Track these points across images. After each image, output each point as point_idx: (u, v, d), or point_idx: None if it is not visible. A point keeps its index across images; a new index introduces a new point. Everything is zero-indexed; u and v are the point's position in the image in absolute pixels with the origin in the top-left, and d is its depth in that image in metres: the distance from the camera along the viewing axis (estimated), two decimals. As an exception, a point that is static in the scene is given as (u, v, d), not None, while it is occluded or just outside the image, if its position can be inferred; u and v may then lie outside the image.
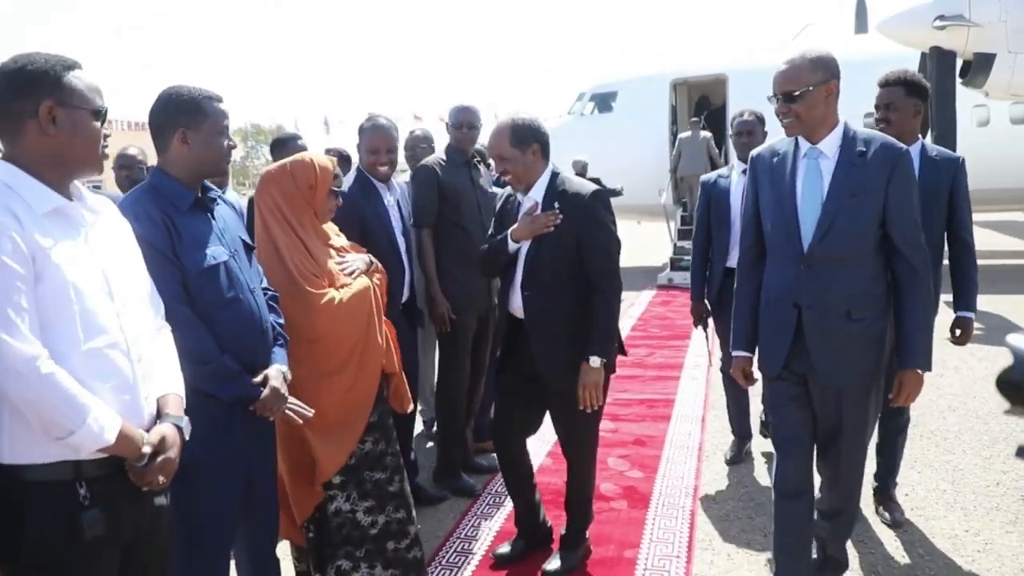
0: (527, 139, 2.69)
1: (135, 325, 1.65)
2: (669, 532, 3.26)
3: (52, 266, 1.49)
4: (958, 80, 8.53)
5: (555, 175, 2.76)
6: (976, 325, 3.29)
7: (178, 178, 2.08)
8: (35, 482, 1.49)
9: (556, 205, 2.68)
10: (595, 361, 2.65)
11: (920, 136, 3.09)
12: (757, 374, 2.65)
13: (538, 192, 2.74)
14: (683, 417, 4.80)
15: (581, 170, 10.24)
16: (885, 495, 3.39)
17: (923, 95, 3.08)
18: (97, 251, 1.61)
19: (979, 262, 3.15)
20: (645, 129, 12.21)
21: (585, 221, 2.68)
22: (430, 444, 4.40)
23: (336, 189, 2.55)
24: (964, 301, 3.16)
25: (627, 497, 3.61)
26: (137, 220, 1.88)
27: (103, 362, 1.55)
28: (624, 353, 2.98)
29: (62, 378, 1.45)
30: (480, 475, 3.92)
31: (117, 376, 1.58)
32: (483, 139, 3.60)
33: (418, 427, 4.36)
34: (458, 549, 3.17)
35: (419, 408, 4.06)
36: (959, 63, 8.50)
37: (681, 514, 3.42)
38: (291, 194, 2.46)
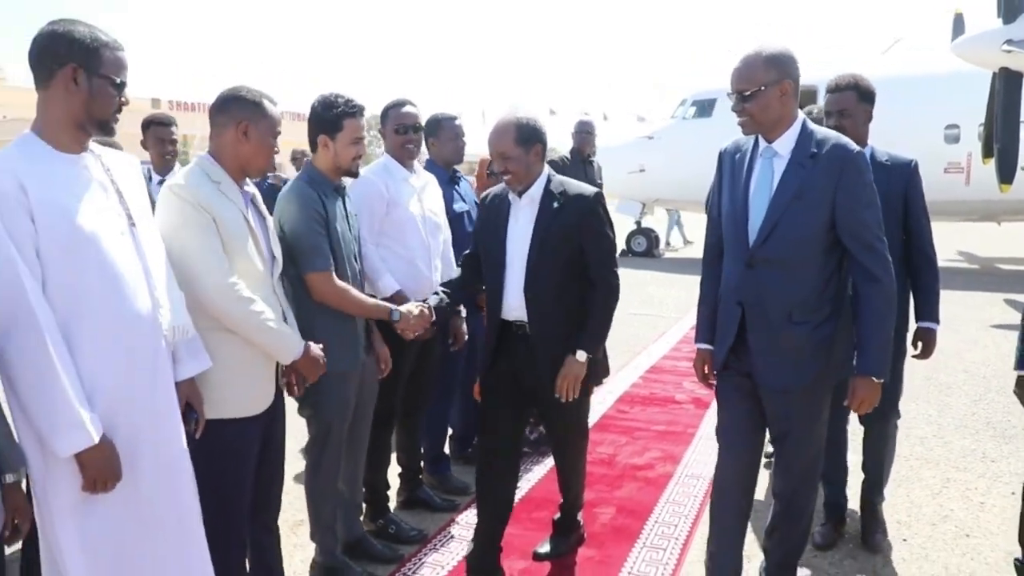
0: (531, 139, 2.66)
1: (436, 243, 3.28)
2: (720, 423, 4.80)
3: (402, 208, 3.13)
4: (1025, 98, 9.43)
5: (551, 176, 2.76)
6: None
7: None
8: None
9: (555, 204, 2.68)
10: (581, 355, 2.65)
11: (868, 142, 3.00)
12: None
13: (536, 191, 2.71)
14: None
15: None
16: (870, 512, 3.10)
17: (873, 100, 2.98)
18: (424, 200, 3.26)
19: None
20: (740, 135, 13.30)
21: (588, 222, 2.68)
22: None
23: (489, 173, 4.27)
24: (926, 311, 2.98)
25: (694, 403, 5.17)
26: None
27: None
28: (607, 374, 3.23)
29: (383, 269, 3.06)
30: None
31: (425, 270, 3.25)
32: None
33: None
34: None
35: None
36: (1026, 83, 9.41)
37: (731, 416, 4.95)
38: (478, 177, 4.52)
